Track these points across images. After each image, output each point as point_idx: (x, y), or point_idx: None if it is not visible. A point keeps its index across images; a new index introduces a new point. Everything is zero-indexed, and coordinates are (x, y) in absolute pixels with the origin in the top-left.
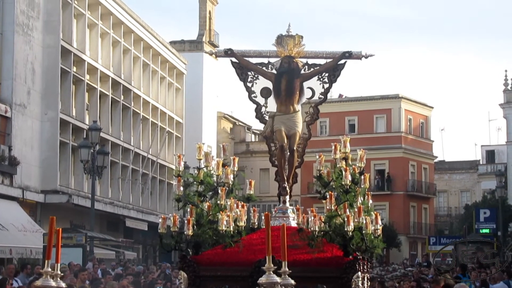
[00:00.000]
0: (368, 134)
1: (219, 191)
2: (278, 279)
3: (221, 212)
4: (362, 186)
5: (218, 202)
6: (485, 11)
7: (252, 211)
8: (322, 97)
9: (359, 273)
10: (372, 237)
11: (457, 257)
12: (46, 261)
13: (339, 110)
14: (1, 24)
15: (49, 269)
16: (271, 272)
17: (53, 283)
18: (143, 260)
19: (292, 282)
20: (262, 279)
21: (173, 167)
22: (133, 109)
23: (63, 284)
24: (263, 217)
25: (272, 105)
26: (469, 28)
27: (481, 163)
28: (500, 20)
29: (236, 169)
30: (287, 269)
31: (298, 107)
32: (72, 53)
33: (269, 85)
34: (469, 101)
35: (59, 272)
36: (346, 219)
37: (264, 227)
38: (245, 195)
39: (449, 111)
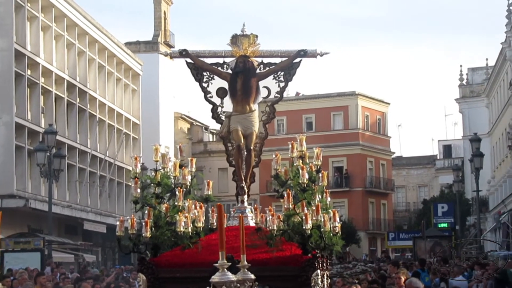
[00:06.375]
0: (325, 132)
1: (177, 192)
2: (232, 277)
3: (179, 213)
4: (320, 184)
5: (176, 203)
6: (440, 7)
7: (210, 212)
8: (278, 96)
9: (319, 271)
10: (331, 234)
11: (416, 252)
12: None
13: (296, 108)
14: None
15: None
16: (225, 270)
17: None
18: (102, 263)
19: (252, 276)
20: (214, 278)
21: (131, 168)
22: (89, 111)
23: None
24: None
25: (228, 105)
26: (424, 24)
27: (438, 158)
28: (455, 16)
29: (194, 170)
30: (246, 263)
31: (254, 106)
32: (26, 56)
33: (225, 85)
34: (425, 96)
35: None
36: (304, 217)
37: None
38: (203, 196)
39: (405, 107)
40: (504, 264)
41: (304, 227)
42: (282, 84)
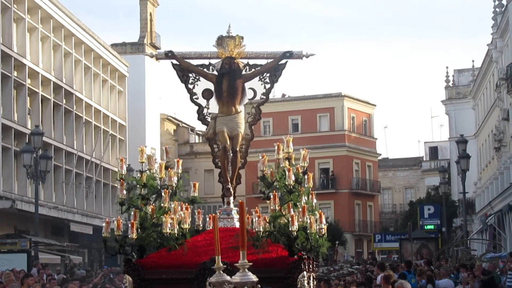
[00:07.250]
0: (311, 133)
1: (163, 194)
2: (253, 277)
3: (165, 214)
4: (306, 185)
5: (162, 204)
6: (426, 9)
7: (196, 213)
8: (264, 97)
9: (305, 272)
10: (317, 236)
11: (402, 254)
12: None
13: (282, 109)
14: None
15: None
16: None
17: None
18: (88, 264)
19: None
20: (235, 278)
21: (117, 170)
22: (76, 113)
23: None
24: (208, 219)
25: (214, 106)
26: (410, 26)
27: (424, 159)
28: (441, 17)
29: (180, 171)
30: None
31: (240, 108)
32: (13, 58)
33: (211, 86)
34: (411, 98)
35: None
36: (290, 219)
37: (209, 228)
38: (189, 197)
39: (391, 108)
40: (492, 266)
41: (290, 229)
42: (268, 86)
